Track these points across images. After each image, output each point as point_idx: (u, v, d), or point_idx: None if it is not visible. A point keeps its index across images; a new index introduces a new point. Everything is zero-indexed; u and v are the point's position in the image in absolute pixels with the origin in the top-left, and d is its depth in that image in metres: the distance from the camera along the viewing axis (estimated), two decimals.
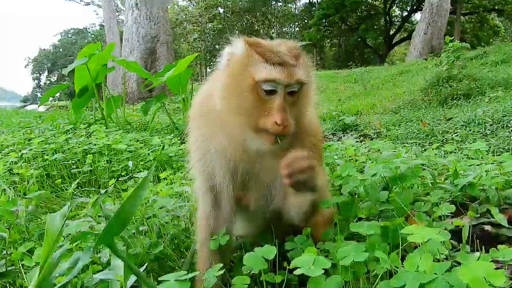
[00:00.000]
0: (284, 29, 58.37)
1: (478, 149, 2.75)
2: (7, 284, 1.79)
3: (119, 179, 3.57)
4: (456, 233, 1.93)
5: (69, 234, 1.93)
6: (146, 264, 1.67)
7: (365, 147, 3.97)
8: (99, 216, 2.29)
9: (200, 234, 1.84)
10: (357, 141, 5.66)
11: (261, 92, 1.53)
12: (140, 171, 3.87)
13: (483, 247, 1.83)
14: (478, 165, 2.71)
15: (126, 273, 1.28)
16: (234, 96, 1.58)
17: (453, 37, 10.11)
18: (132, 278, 1.33)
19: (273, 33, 55.86)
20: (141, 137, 5.10)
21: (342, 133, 6.98)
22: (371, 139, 5.97)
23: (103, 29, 40.03)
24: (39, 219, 2.64)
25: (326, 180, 2.11)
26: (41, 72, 68.05)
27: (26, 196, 2.86)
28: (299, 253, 1.49)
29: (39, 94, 65.90)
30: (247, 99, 1.55)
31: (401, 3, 45.02)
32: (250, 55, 1.57)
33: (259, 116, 1.54)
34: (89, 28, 66.05)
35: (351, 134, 6.74)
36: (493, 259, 1.48)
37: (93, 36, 62.03)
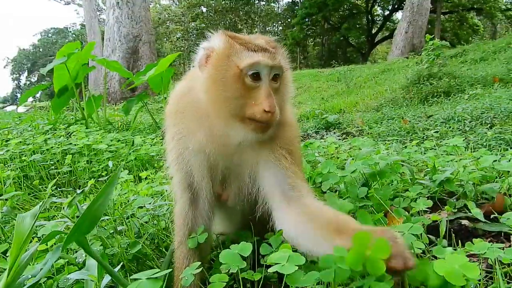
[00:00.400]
0: (267, 28, 58.40)
1: (456, 145, 2.79)
2: None
3: (99, 179, 3.52)
4: (434, 228, 1.96)
5: (45, 235, 1.89)
6: (122, 263, 1.64)
7: (347, 145, 3.99)
8: (77, 216, 2.26)
9: (178, 233, 1.82)
10: (339, 139, 5.70)
11: (246, 79, 1.55)
12: (120, 171, 3.82)
13: (459, 241, 1.86)
14: (456, 161, 2.75)
15: (99, 272, 1.26)
16: (219, 88, 1.59)
17: (433, 36, 10.27)
18: (107, 278, 1.30)
19: (256, 32, 55.75)
20: (122, 137, 5.04)
21: (325, 131, 7.02)
22: (354, 137, 6.01)
23: (84, 28, 39.47)
24: (15, 221, 2.58)
25: (304, 176, 2.12)
26: (20, 73, 66.80)
27: (1, 197, 2.80)
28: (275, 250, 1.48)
29: (19, 95, 64.56)
30: (232, 89, 1.56)
31: (382, 2, 45.45)
32: (231, 46, 1.60)
33: (246, 105, 1.56)
34: (69, 28, 65.09)
35: (334, 132, 6.77)
36: (469, 253, 1.50)
37: (74, 35, 61.06)
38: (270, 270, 1.23)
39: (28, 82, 65.20)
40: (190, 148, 1.73)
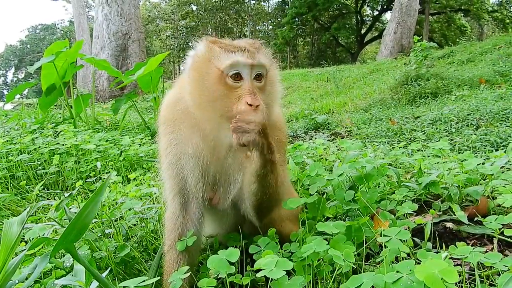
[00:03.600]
0: (257, 27, 58.42)
1: (441, 148, 2.83)
2: None
3: (87, 180, 3.50)
4: (419, 231, 1.99)
5: (32, 238, 1.88)
6: (110, 268, 1.65)
7: (335, 146, 4.02)
8: (65, 219, 2.25)
9: (169, 237, 1.83)
10: (328, 140, 5.74)
11: (228, 80, 1.59)
12: (109, 172, 3.80)
13: (444, 244, 1.90)
14: (442, 163, 2.79)
15: (87, 278, 1.26)
16: (203, 91, 1.63)
17: (421, 37, 10.35)
18: (94, 283, 1.31)
19: (246, 31, 55.85)
20: (111, 137, 5.01)
21: (314, 132, 7.05)
22: (342, 138, 6.05)
23: (72, 25, 39.03)
24: (1, 223, 2.56)
25: (288, 177, 2.14)
26: (7, 69, 65.82)
27: None
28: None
29: (5, 92, 63.61)
30: (215, 91, 1.60)
31: (372, 3, 45.72)
32: (211, 49, 1.64)
33: (231, 105, 1.58)
34: (58, 24, 64.37)
35: (323, 133, 6.81)
36: (452, 257, 1.53)
37: (62, 32, 60.43)
38: (259, 275, 1.25)
39: (15, 79, 64.30)
40: (187, 153, 1.75)
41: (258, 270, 1.31)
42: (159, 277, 1.38)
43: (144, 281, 1.14)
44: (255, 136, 1.49)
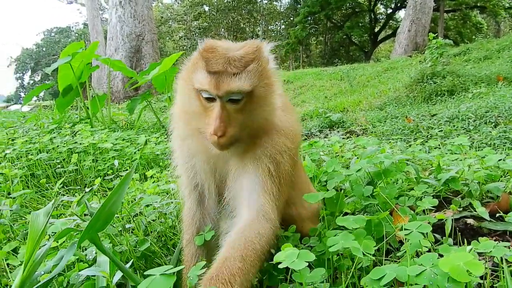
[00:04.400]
0: (270, 27, 58.37)
1: (461, 144, 2.80)
2: None
3: (105, 178, 3.55)
4: (439, 227, 1.97)
5: (55, 232, 1.91)
6: (132, 261, 1.67)
7: (351, 144, 4.00)
8: (85, 214, 2.28)
9: (187, 232, 1.84)
10: (343, 138, 5.70)
11: (202, 99, 1.55)
12: (126, 170, 3.84)
13: (465, 240, 1.87)
14: (461, 160, 2.76)
15: (111, 269, 1.28)
16: (185, 100, 1.64)
17: (436, 34, 10.22)
18: (118, 274, 1.32)
19: (259, 31, 55.86)
20: (127, 136, 5.07)
21: (329, 130, 7.02)
22: (357, 136, 6.01)
23: (86, 27, 39.46)
24: (24, 219, 2.61)
25: (304, 177, 2.13)
26: (24, 72, 66.88)
27: (10, 196, 2.82)
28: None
29: (22, 94, 64.75)
30: (194, 103, 1.59)
31: (385, 1, 45.32)
32: (197, 61, 1.59)
33: (205, 122, 1.57)
34: (72, 27, 65.18)
35: (338, 131, 6.78)
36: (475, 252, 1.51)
37: (76, 35, 61.15)
38: (281, 266, 1.25)
39: (31, 81, 65.29)
40: (193, 149, 1.75)
41: (277, 265, 1.31)
42: (183, 266, 1.38)
43: (169, 269, 1.15)
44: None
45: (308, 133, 6.87)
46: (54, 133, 5.20)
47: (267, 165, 1.62)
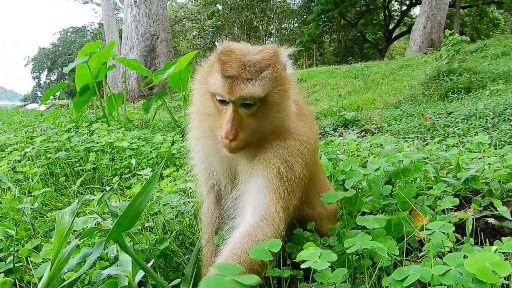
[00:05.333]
0: (283, 25, 58.22)
1: (480, 142, 2.76)
2: (15, 280, 1.81)
3: (122, 176, 3.58)
4: (460, 226, 1.94)
5: (75, 230, 1.95)
6: (153, 260, 1.68)
7: (367, 142, 3.97)
8: (104, 213, 2.31)
9: (206, 231, 1.86)
10: (358, 137, 5.66)
11: (216, 101, 1.57)
12: (143, 169, 3.88)
13: (487, 239, 1.85)
14: (480, 158, 2.72)
15: (134, 268, 1.29)
16: (200, 100, 1.66)
17: (452, 31, 10.07)
18: (140, 274, 1.34)
19: (272, 29, 55.76)
20: (143, 135, 5.11)
21: (343, 129, 6.98)
22: (372, 134, 5.96)
23: (102, 27, 39.93)
24: (45, 217, 2.66)
25: (323, 178, 2.12)
26: (41, 71, 67.82)
27: (31, 194, 2.87)
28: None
29: (39, 93, 65.65)
30: (208, 105, 1.61)
31: None
32: (213, 63, 1.60)
33: (219, 124, 1.58)
34: (88, 27, 65.87)
35: (352, 130, 6.73)
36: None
37: (92, 34, 61.83)
38: (303, 266, 1.25)
39: (48, 81, 66.19)
40: (209, 149, 1.76)
41: (297, 265, 1.31)
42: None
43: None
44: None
45: (322, 132, 6.84)
46: (71, 132, 5.27)
47: (277, 166, 1.60)
